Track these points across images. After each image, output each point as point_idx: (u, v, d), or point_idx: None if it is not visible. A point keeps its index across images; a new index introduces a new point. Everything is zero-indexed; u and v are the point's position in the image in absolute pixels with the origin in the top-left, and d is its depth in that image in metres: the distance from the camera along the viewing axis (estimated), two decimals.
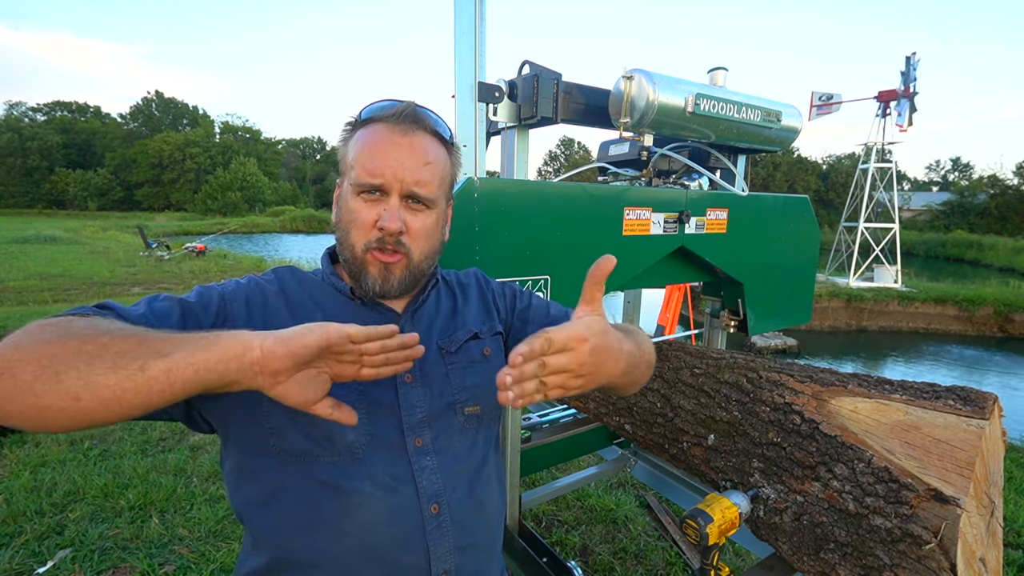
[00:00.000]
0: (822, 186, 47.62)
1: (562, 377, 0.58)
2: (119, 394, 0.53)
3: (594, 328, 0.61)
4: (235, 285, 0.78)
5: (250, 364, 0.57)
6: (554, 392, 0.59)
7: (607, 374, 0.64)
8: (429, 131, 0.77)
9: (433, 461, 0.76)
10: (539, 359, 0.57)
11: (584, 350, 0.59)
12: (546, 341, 0.57)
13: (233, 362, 0.57)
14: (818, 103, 15.35)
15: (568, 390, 0.60)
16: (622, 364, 0.66)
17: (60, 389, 0.52)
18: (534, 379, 0.57)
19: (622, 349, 0.66)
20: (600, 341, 0.61)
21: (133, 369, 0.53)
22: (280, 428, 0.70)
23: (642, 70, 1.38)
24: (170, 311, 0.69)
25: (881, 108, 16.41)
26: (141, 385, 0.53)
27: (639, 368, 0.76)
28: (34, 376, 0.52)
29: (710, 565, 1.18)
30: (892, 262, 16.39)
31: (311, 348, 0.58)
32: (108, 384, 0.53)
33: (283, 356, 0.57)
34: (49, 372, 0.52)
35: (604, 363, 0.62)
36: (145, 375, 0.53)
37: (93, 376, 0.52)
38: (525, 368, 0.56)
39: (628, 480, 3.09)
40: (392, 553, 0.72)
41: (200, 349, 0.56)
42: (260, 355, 0.57)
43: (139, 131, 60.37)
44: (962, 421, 1.04)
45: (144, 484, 2.72)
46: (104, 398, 0.53)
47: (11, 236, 18.15)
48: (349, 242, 0.76)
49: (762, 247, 1.78)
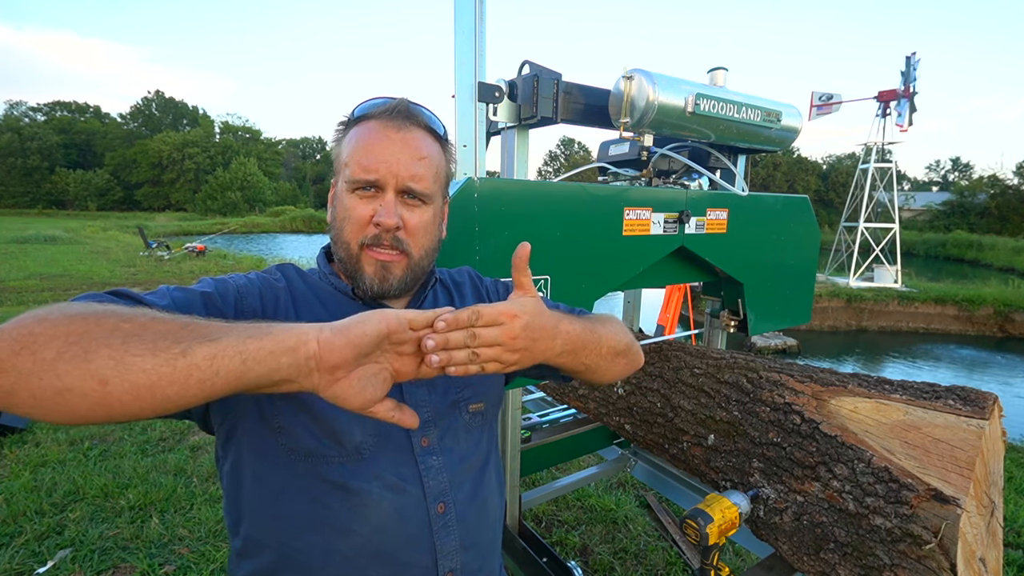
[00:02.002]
0: (822, 186, 47.67)
1: (495, 350, 0.60)
2: (154, 380, 0.47)
3: (527, 306, 0.64)
4: (246, 280, 0.76)
5: (306, 359, 0.52)
6: (490, 366, 0.61)
7: (543, 351, 0.66)
8: (423, 127, 0.77)
9: (439, 460, 0.77)
10: (468, 329, 0.58)
11: (516, 325, 0.61)
12: (474, 312, 0.59)
13: (286, 356, 0.51)
14: (818, 103, 15.35)
15: (505, 365, 0.62)
16: (559, 343, 0.69)
17: (87, 370, 0.45)
18: (465, 349, 0.58)
19: (558, 328, 0.69)
20: (533, 319, 0.64)
21: (174, 353, 0.48)
22: (288, 427, 0.70)
23: (642, 70, 1.38)
24: (192, 301, 0.66)
25: (881, 108, 16.42)
26: (180, 371, 0.48)
27: (596, 354, 0.78)
28: (58, 353, 0.45)
29: (710, 565, 1.18)
30: (892, 262, 16.40)
31: (371, 337, 0.54)
32: (144, 368, 0.47)
33: (343, 347, 0.52)
34: (77, 349, 0.46)
35: (539, 340, 0.65)
36: (187, 360, 0.48)
37: (128, 357, 0.46)
38: (451, 336, 0.58)
39: (628, 480, 3.09)
40: (399, 552, 0.72)
41: (251, 337, 0.51)
42: (317, 348, 0.52)
43: (139, 131, 60.41)
44: (962, 421, 1.04)
45: (144, 484, 2.72)
46: (135, 384, 0.46)
47: (11, 236, 18.13)
48: (344, 240, 0.75)
49: (762, 247, 1.78)
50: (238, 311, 0.71)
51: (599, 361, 0.79)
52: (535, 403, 2.40)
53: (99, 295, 0.57)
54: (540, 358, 0.67)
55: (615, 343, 0.82)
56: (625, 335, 0.86)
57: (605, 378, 0.85)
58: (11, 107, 55.98)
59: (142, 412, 0.49)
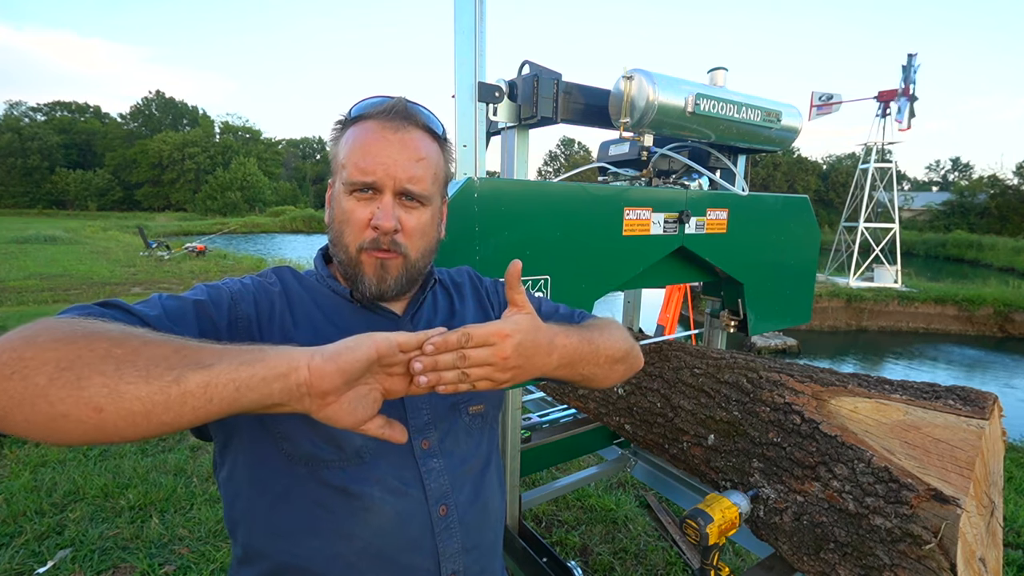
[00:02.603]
0: (822, 186, 47.67)
1: (486, 370, 0.60)
2: (148, 408, 0.47)
3: (520, 325, 0.63)
4: (240, 285, 0.75)
5: (296, 386, 0.52)
6: (481, 384, 0.61)
7: (539, 367, 0.66)
8: (421, 127, 0.76)
9: (440, 463, 0.76)
10: (458, 351, 0.59)
11: (507, 345, 0.61)
12: (464, 335, 0.59)
13: (277, 383, 0.52)
14: (818, 103, 15.34)
15: (497, 383, 0.62)
16: (555, 358, 0.69)
17: (81, 397, 0.45)
18: (455, 370, 0.59)
19: (553, 343, 0.69)
20: (527, 337, 0.63)
21: (167, 381, 0.48)
22: (288, 433, 0.69)
23: (642, 70, 1.38)
24: (184, 311, 0.66)
25: (881, 108, 16.41)
26: (174, 400, 0.48)
27: (593, 364, 0.78)
28: (50, 380, 0.45)
29: (710, 565, 1.18)
30: (892, 262, 16.39)
31: (361, 362, 0.54)
32: (138, 396, 0.47)
33: (333, 374, 0.53)
34: (69, 376, 0.45)
35: (533, 357, 0.65)
36: (180, 388, 0.48)
37: (122, 385, 0.46)
38: (440, 358, 0.58)
39: (628, 480, 3.09)
40: (402, 555, 0.72)
41: (244, 364, 0.51)
42: (308, 375, 0.52)
43: (139, 131, 60.38)
44: (962, 421, 1.04)
45: (144, 484, 2.72)
46: (130, 412, 0.46)
47: (11, 236, 18.12)
48: (343, 243, 0.74)
49: (762, 247, 1.78)
50: (232, 318, 0.70)
51: (596, 370, 0.79)
52: (535, 403, 2.40)
53: (88, 307, 0.57)
54: (536, 374, 0.67)
55: (613, 351, 0.81)
56: (624, 341, 0.86)
57: (603, 384, 0.86)
58: (11, 107, 56.05)
59: (137, 436, 0.49)
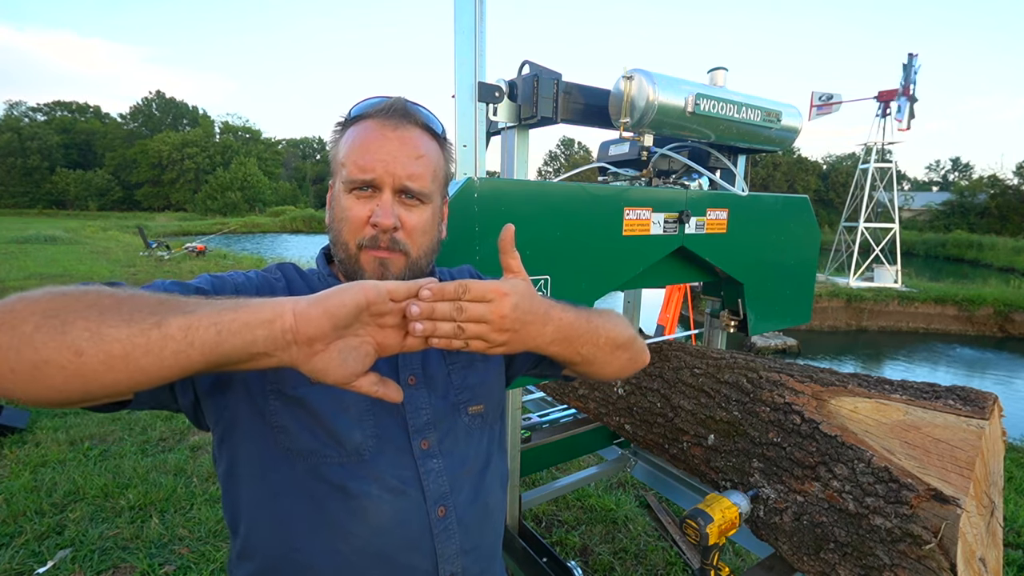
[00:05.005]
0: (822, 186, 47.67)
1: (482, 328, 0.58)
2: (128, 350, 0.47)
3: (517, 287, 0.62)
4: (244, 278, 0.76)
5: (282, 332, 0.51)
6: (475, 344, 0.59)
7: (534, 336, 0.65)
8: (420, 125, 0.76)
9: (439, 464, 0.76)
10: (455, 302, 0.57)
11: (505, 304, 0.59)
12: (461, 286, 0.57)
13: (261, 328, 0.51)
14: (818, 103, 15.34)
15: (491, 345, 0.60)
16: (550, 329, 0.67)
17: (63, 342, 0.46)
18: (451, 322, 0.57)
19: (549, 314, 0.67)
20: (523, 301, 0.62)
21: (149, 324, 0.48)
22: (287, 426, 0.69)
23: (642, 70, 1.38)
24: (186, 294, 0.66)
25: (881, 108, 16.41)
26: (154, 342, 0.48)
27: (593, 345, 0.75)
28: (35, 327, 0.46)
29: (710, 565, 1.18)
30: (892, 262, 16.40)
31: (349, 307, 0.53)
32: (118, 337, 0.47)
33: (319, 317, 0.52)
34: (54, 322, 0.47)
35: (529, 324, 0.63)
36: (160, 331, 0.48)
37: (103, 328, 0.47)
38: (437, 306, 0.56)
39: (628, 480, 3.09)
40: (400, 555, 0.72)
41: (226, 309, 0.51)
42: (293, 320, 0.51)
43: (139, 131, 60.36)
44: (962, 421, 1.04)
45: (144, 484, 2.72)
46: (109, 353, 0.47)
47: (11, 236, 18.11)
48: (343, 241, 0.74)
49: (762, 247, 1.78)
50: None
51: (596, 352, 0.76)
52: (535, 403, 2.40)
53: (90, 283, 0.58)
54: (530, 344, 0.65)
55: (615, 335, 0.79)
56: (627, 329, 0.83)
57: (606, 372, 0.82)
58: (11, 107, 56.00)
59: (117, 385, 0.49)
